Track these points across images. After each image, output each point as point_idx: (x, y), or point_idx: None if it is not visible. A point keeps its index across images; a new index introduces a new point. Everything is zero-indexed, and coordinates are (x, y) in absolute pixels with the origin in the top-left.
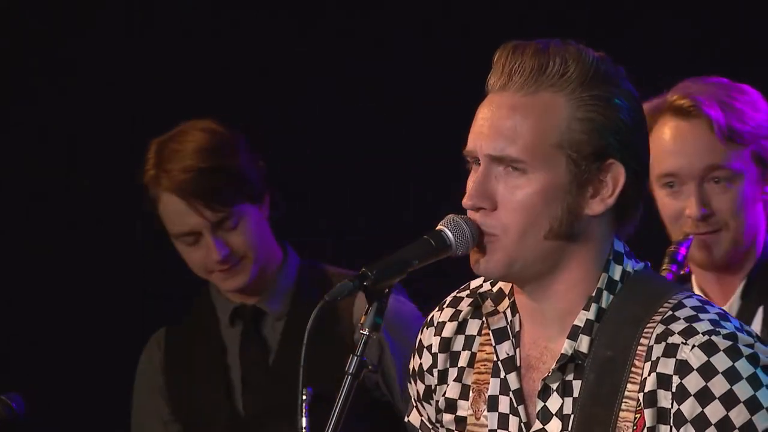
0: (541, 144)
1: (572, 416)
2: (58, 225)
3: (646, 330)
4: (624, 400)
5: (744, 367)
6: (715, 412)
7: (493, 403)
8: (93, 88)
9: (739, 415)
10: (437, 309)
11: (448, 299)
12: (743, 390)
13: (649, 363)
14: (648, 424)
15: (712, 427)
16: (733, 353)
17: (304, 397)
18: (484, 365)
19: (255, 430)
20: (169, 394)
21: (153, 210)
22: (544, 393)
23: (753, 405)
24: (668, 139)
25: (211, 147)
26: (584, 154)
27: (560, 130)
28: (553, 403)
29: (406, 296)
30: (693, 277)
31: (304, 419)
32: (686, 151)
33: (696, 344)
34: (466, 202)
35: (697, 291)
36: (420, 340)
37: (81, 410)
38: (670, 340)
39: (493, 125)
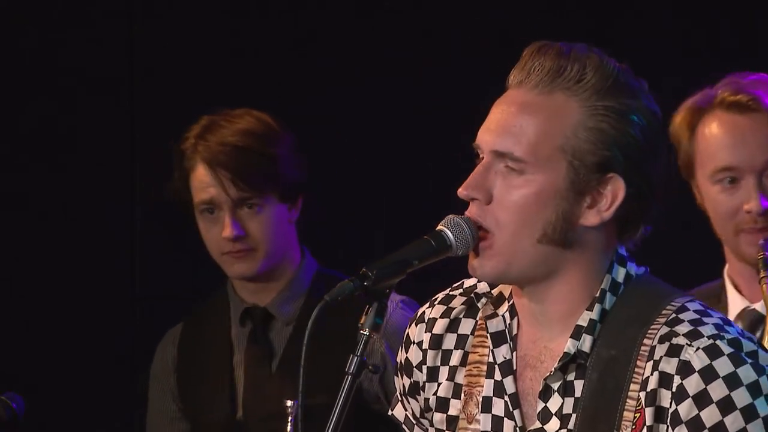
0: (544, 145)
1: (574, 415)
2: (58, 223)
3: (650, 331)
4: (627, 399)
5: (746, 374)
6: (710, 416)
7: (486, 405)
8: (93, 86)
9: (734, 422)
10: (428, 305)
11: (440, 296)
12: (742, 397)
13: (651, 362)
14: (648, 423)
15: (706, 430)
16: (737, 359)
17: (290, 403)
18: (477, 368)
19: None
20: (179, 392)
21: (181, 181)
22: (545, 393)
23: (749, 413)
24: (723, 134)
25: (256, 132)
26: (586, 164)
27: (566, 135)
28: (554, 403)
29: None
30: (729, 279)
31: (289, 426)
32: (747, 144)
33: (701, 347)
34: (461, 191)
35: (734, 294)
36: (408, 334)
37: (81, 410)
38: (675, 341)
39: (501, 121)
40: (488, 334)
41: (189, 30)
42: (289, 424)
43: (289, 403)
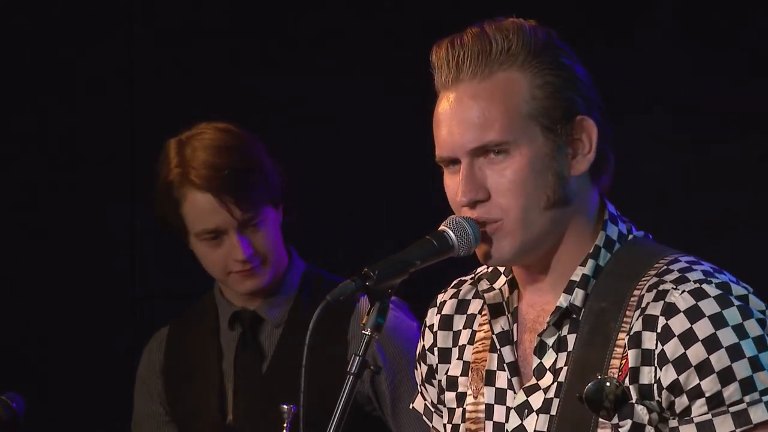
0: (515, 121)
1: (565, 368)
2: (58, 223)
3: (640, 282)
4: (615, 348)
5: (732, 315)
6: (696, 354)
7: (490, 378)
8: (93, 86)
9: (719, 360)
10: (442, 291)
11: (453, 282)
12: (727, 336)
13: (639, 310)
14: (631, 365)
15: (692, 368)
16: (723, 301)
17: (286, 408)
18: (482, 344)
19: None
20: (167, 396)
21: (172, 212)
22: (541, 350)
23: (735, 352)
24: None
25: (236, 146)
26: (555, 118)
27: (526, 102)
28: (549, 358)
29: (407, 313)
30: None
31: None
32: None
33: (686, 290)
34: (461, 199)
35: None
36: (425, 321)
37: (81, 410)
38: (661, 287)
39: (462, 120)
40: (486, 306)
41: (189, 30)
42: (285, 429)
43: (284, 407)
